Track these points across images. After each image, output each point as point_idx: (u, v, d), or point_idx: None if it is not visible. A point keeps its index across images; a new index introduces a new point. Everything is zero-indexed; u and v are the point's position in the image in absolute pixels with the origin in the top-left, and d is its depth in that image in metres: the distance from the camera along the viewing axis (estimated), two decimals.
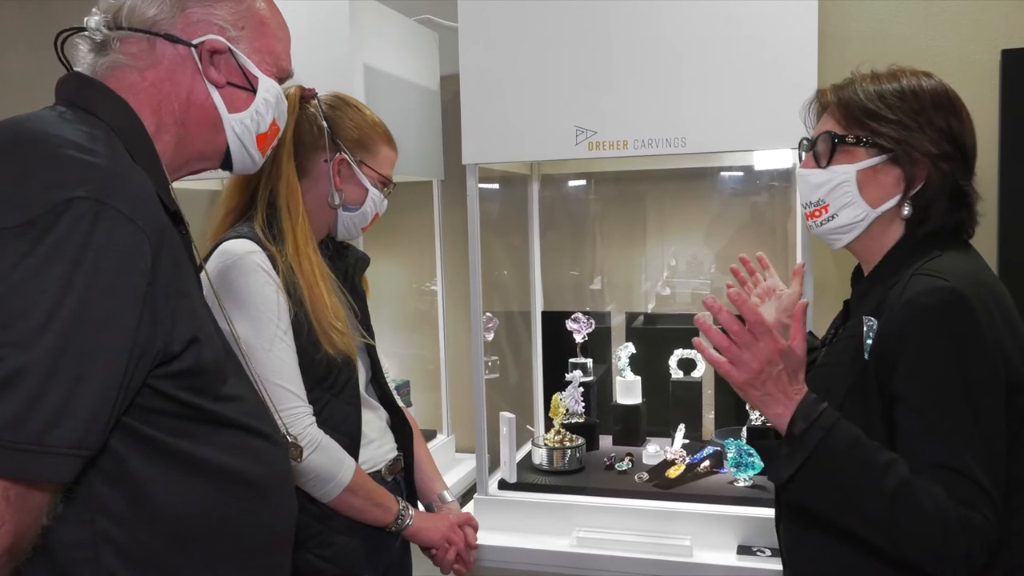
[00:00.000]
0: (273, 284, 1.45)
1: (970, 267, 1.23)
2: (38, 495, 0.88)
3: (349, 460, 1.51)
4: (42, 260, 0.85)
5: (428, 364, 2.85)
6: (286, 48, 1.23)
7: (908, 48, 2.33)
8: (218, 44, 1.11)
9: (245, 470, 1.06)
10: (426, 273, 2.87)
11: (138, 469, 0.96)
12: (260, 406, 1.15)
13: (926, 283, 1.18)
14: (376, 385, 1.72)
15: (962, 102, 1.31)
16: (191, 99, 1.11)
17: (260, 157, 1.23)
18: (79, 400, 0.86)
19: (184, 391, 0.99)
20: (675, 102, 1.91)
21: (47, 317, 0.85)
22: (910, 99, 1.28)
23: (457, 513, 1.77)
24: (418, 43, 2.55)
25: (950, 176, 1.26)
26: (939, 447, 1.14)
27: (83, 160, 0.92)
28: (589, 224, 2.74)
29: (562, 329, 2.51)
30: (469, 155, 2.06)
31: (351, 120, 1.60)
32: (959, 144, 1.27)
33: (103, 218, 0.89)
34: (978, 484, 1.11)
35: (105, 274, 0.88)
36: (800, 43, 1.83)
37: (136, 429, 0.96)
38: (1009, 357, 1.17)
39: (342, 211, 1.61)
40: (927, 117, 1.27)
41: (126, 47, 1.08)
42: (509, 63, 2.01)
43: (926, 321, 1.16)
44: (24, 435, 0.83)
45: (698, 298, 2.64)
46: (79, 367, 0.86)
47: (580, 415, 2.41)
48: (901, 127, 1.26)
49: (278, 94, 1.21)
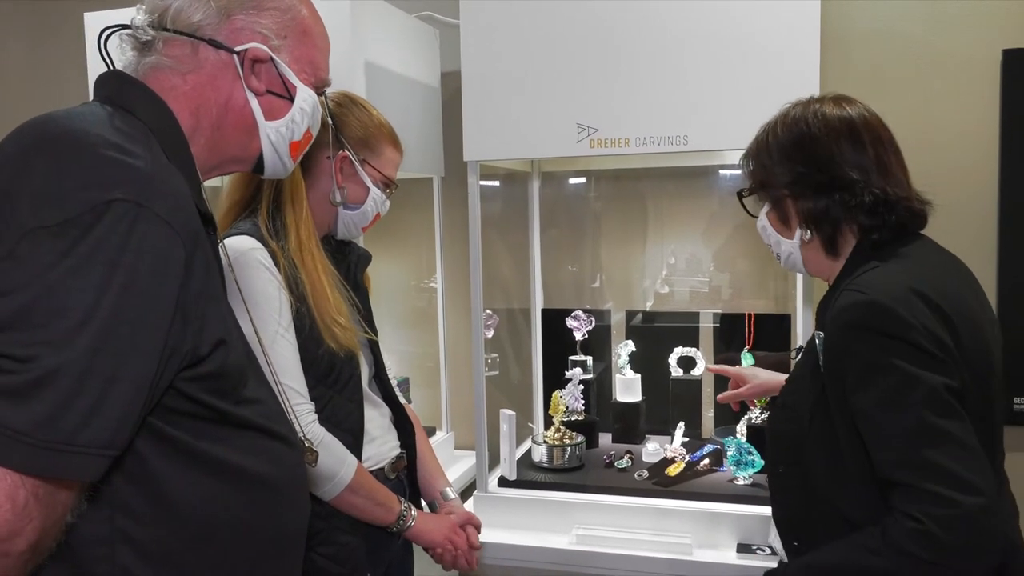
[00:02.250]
0: (275, 281, 1.45)
1: (900, 274, 1.28)
2: (65, 493, 0.88)
3: (351, 458, 1.50)
4: (81, 261, 0.86)
5: (427, 361, 2.84)
6: (326, 58, 1.24)
7: (909, 48, 2.33)
8: (261, 53, 1.12)
9: (263, 472, 1.07)
10: (426, 270, 2.87)
11: (159, 468, 0.97)
12: (277, 408, 1.16)
13: (848, 298, 1.25)
14: (379, 382, 1.72)
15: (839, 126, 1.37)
16: (229, 105, 1.12)
17: (292, 164, 1.24)
18: (111, 400, 0.87)
19: (207, 393, 0.99)
20: (677, 100, 1.91)
21: (84, 318, 0.85)
22: (763, 142, 1.44)
23: (459, 513, 1.76)
24: (419, 40, 2.54)
25: (820, 195, 1.36)
26: (897, 446, 1.19)
27: (123, 161, 0.92)
28: (589, 222, 2.74)
29: (562, 326, 2.51)
30: (470, 152, 2.06)
31: (357, 119, 1.61)
32: (819, 162, 1.36)
33: (141, 221, 0.89)
34: (944, 470, 1.14)
35: (141, 277, 0.89)
36: (802, 41, 1.83)
37: (159, 429, 0.96)
38: (946, 346, 1.21)
39: (343, 209, 1.61)
40: (778, 153, 1.40)
41: (169, 49, 1.09)
42: (511, 60, 2.01)
43: (851, 335, 1.24)
44: (56, 434, 0.84)
45: (697, 296, 2.64)
46: (112, 368, 0.87)
47: (580, 412, 2.41)
48: (760, 170, 1.45)
49: (315, 104, 1.22)
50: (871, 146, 1.36)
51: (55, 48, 3.10)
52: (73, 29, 2.63)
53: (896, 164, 1.38)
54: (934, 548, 1.14)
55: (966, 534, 1.13)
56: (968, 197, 2.31)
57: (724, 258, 2.61)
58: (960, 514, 1.13)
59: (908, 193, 1.37)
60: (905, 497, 1.17)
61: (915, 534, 1.15)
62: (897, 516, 1.18)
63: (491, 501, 2.11)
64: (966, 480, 1.14)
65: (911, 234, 1.39)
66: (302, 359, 1.47)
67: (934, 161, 2.26)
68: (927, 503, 1.15)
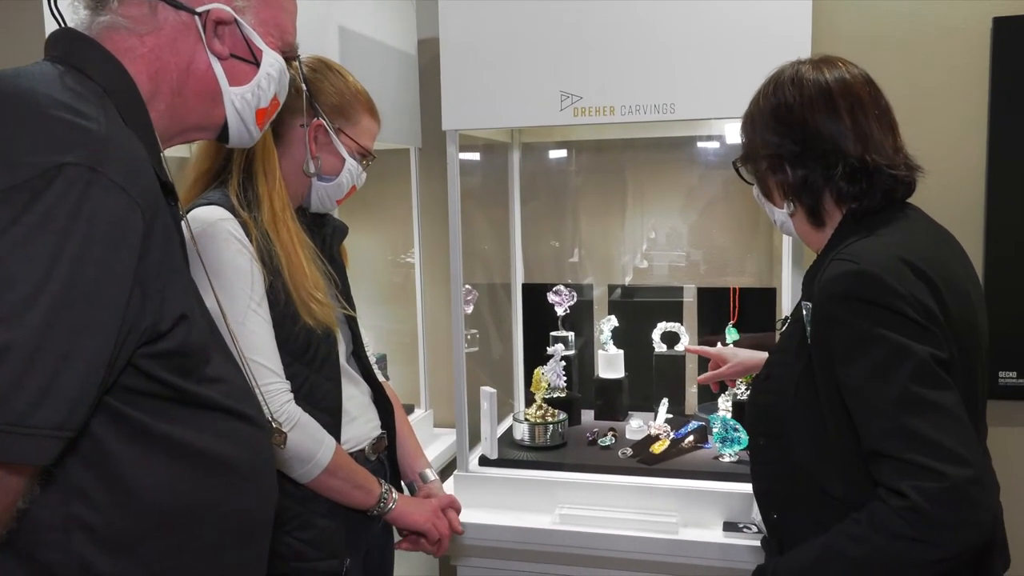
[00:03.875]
0: (247, 253, 1.38)
1: (888, 245, 1.26)
2: (16, 478, 0.84)
3: (329, 439, 1.44)
4: (29, 229, 0.81)
5: (405, 337, 2.78)
6: (293, 21, 1.18)
7: (899, 15, 2.28)
8: (224, 14, 1.06)
9: (226, 454, 1.03)
10: (403, 244, 2.79)
11: (116, 451, 0.92)
12: (244, 387, 1.11)
13: (837, 268, 1.23)
14: (357, 359, 1.66)
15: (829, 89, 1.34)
16: (191, 69, 1.06)
17: (258, 132, 1.18)
18: (64, 379, 0.83)
19: (168, 372, 0.95)
20: (664, 67, 1.84)
21: (34, 291, 0.80)
22: (750, 112, 1.43)
23: (440, 496, 1.71)
24: (395, 5, 2.45)
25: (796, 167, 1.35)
26: (883, 416, 1.17)
27: (75, 123, 0.86)
28: (570, 194, 2.68)
29: (542, 301, 2.46)
30: (449, 121, 1.98)
31: (332, 85, 1.53)
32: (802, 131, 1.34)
33: (95, 186, 0.84)
34: (929, 440, 1.12)
35: (96, 247, 0.84)
36: (793, 6, 1.77)
37: (117, 410, 0.92)
38: (934, 316, 1.19)
39: (317, 181, 1.53)
40: (759, 121, 1.39)
41: (125, 8, 1.02)
42: (491, 24, 1.93)
43: (840, 305, 1.21)
44: (6, 415, 0.80)
45: (680, 270, 2.59)
46: (66, 344, 0.82)
47: (562, 389, 2.36)
48: (748, 140, 1.44)
49: (282, 69, 1.16)
50: (847, 113, 1.32)
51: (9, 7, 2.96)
52: None
53: (879, 129, 1.34)
54: (922, 524, 1.11)
55: (954, 507, 1.10)
56: (957, 166, 2.28)
57: (707, 231, 2.57)
58: (948, 487, 1.10)
59: (892, 159, 1.32)
60: (891, 470, 1.15)
61: (902, 511, 1.12)
62: (883, 495, 1.16)
63: (472, 481, 2.06)
64: (954, 452, 1.11)
65: (898, 203, 1.36)
66: (277, 336, 1.41)
67: (923, 130, 2.21)
68: (914, 476, 1.12)
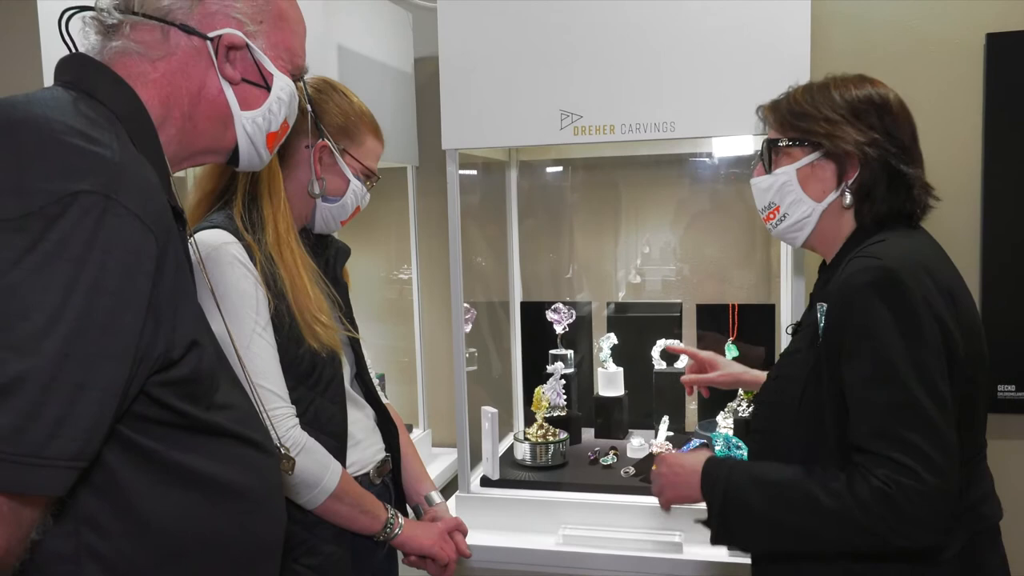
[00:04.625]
0: (251, 277, 1.37)
1: (908, 248, 1.27)
2: (31, 509, 0.83)
3: (335, 464, 1.43)
4: (45, 257, 0.80)
5: (403, 356, 2.76)
6: (302, 43, 1.18)
7: (894, 31, 2.30)
8: (236, 39, 1.05)
9: (235, 481, 1.01)
10: (401, 262, 2.78)
11: (127, 479, 0.91)
12: (251, 412, 1.10)
13: (860, 263, 1.24)
14: (360, 381, 1.64)
15: (900, 104, 1.36)
16: (202, 94, 1.05)
17: (268, 156, 1.17)
18: (80, 409, 0.81)
19: (178, 399, 0.94)
20: (664, 85, 1.85)
21: (50, 320, 0.79)
22: (834, 97, 1.36)
23: (446, 520, 1.69)
24: (393, 24, 2.45)
25: (882, 161, 1.32)
26: (876, 416, 1.18)
27: (89, 150, 0.85)
28: (567, 212, 2.68)
29: (539, 319, 2.45)
30: (449, 140, 1.98)
31: (337, 106, 1.52)
32: (890, 133, 1.33)
33: (110, 214, 0.83)
34: (914, 446, 1.15)
35: (111, 275, 0.83)
36: (792, 25, 1.78)
37: (127, 438, 0.90)
38: (948, 327, 1.21)
39: (321, 201, 1.52)
40: (851, 110, 1.34)
41: (137, 34, 1.01)
42: (490, 44, 1.93)
43: (860, 297, 1.21)
44: (23, 447, 0.78)
45: (678, 286, 2.59)
46: (81, 374, 0.81)
47: (562, 408, 2.35)
48: (826, 122, 1.35)
49: (292, 92, 1.15)
50: (913, 137, 1.37)
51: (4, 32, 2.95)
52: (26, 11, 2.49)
53: None
54: (894, 514, 1.15)
55: (922, 509, 1.15)
56: (952, 182, 2.27)
57: (704, 247, 2.57)
58: (923, 490, 1.14)
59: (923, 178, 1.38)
60: (874, 462, 1.18)
61: (879, 494, 1.16)
62: (863, 473, 1.18)
63: (474, 502, 2.05)
64: (934, 461, 1.15)
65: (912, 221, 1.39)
66: (282, 359, 1.39)
67: None
68: (896, 472, 1.16)
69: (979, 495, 1.31)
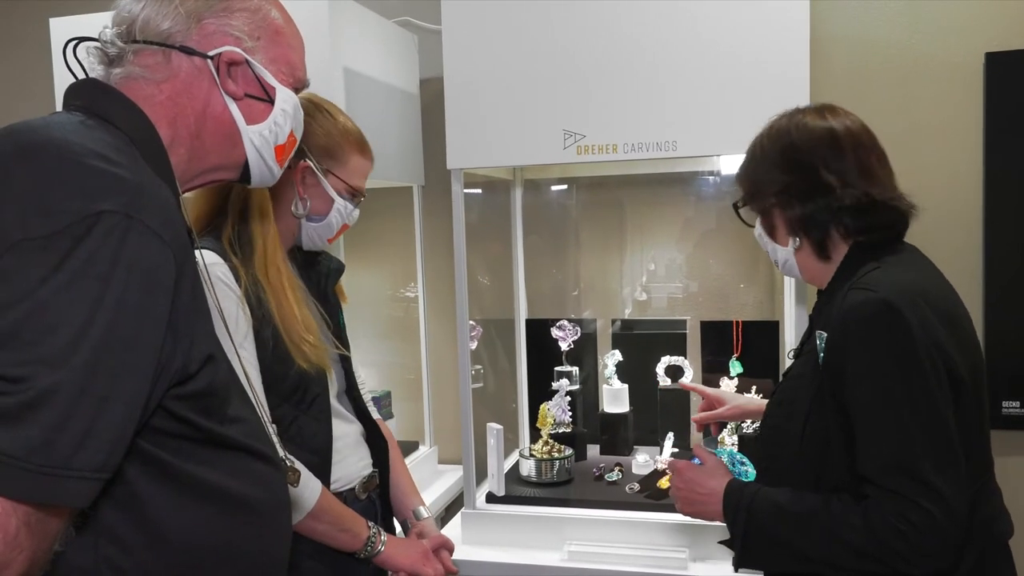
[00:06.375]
0: (234, 296, 1.40)
1: (903, 276, 1.30)
2: (56, 520, 0.85)
3: (314, 483, 1.44)
4: (72, 275, 0.82)
5: (409, 374, 2.78)
6: (301, 57, 1.21)
7: (893, 52, 2.32)
8: (235, 55, 1.09)
9: (247, 494, 1.03)
10: (406, 281, 2.81)
11: (145, 492, 0.93)
12: (259, 426, 1.12)
13: (858, 297, 1.26)
14: (351, 397, 1.65)
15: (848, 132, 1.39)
16: (208, 112, 1.09)
17: (279, 169, 1.20)
18: (105, 422, 0.84)
19: (194, 412, 0.96)
20: (666, 105, 1.87)
21: (77, 335, 0.82)
22: (751, 155, 1.47)
23: (432, 537, 1.68)
24: (398, 45, 2.49)
25: (805, 202, 1.38)
26: (883, 450, 1.22)
27: (109, 172, 0.88)
28: (572, 229, 2.70)
29: (544, 336, 2.46)
30: (454, 160, 2.00)
31: (320, 127, 1.53)
32: (802, 170, 1.38)
33: (132, 233, 0.86)
34: (923, 482, 1.18)
35: (133, 292, 0.86)
36: (791, 45, 1.80)
37: (146, 451, 0.93)
38: (949, 354, 1.23)
39: (306, 221, 1.55)
40: (764, 163, 1.43)
41: (140, 59, 1.05)
42: (494, 64, 1.96)
43: (859, 332, 1.24)
44: (51, 459, 0.80)
45: (683, 303, 2.60)
46: (107, 387, 0.84)
47: (567, 424, 2.36)
48: (750, 182, 1.47)
49: (295, 104, 1.19)
50: (852, 151, 1.38)
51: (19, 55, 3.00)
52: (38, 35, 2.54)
53: (880, 167, 1.40)
54: (909, 550, 1.19)
55: (934, 543, 1.18)
56: (953, 201, 2.30)
57: (708, 264, 2.58)
58: (934, 524, 1.18)
59: (893, 194, 1.38)
60: (885, 497, 1.21)
61: (894, 532, 1.19)
62: (875, 508, 1.22)
63: (479, 518, 2.06)
64: (943, 493, 1.18)
65: (899, 239, 1.41)
66: (266, 379, 1.41)
67: (919, 164, 2.25)
68: (907, 510, 1.19)
69: (990, 513, 1.33)
